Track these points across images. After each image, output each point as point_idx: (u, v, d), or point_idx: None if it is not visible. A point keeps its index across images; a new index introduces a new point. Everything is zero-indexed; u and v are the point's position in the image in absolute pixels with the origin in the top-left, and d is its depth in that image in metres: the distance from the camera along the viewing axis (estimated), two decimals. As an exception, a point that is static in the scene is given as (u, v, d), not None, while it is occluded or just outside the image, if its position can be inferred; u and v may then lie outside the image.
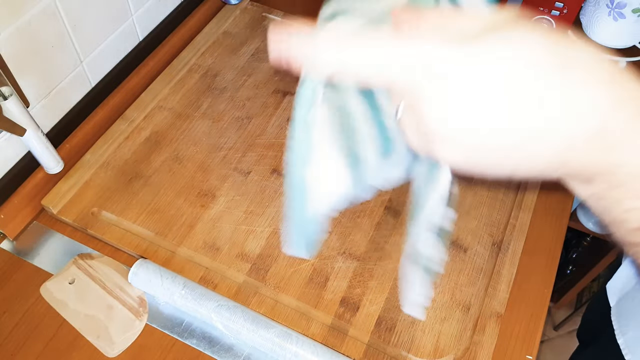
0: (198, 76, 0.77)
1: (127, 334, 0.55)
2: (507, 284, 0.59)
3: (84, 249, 0.62)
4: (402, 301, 0.58)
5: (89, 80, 0.71)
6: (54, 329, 0.56)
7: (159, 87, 0.75)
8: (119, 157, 0.68)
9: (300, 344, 0.54)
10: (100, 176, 0.66)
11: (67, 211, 0.63)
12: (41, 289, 0.58)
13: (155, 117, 0.72)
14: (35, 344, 0.55)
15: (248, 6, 0.87)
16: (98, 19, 0.68)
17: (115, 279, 0.59)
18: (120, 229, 0.62)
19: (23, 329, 0.56)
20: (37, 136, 0.60)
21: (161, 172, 0.67)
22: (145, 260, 0.58)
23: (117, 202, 0.64)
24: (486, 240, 0.63)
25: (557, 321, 1.48)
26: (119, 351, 0.55)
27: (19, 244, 0.63)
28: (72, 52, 0.66)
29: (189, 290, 0.56)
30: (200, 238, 0.62)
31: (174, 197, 0.65)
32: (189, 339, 0.56)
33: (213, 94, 0.75)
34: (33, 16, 0.58)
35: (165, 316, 0.57)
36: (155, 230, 0.62)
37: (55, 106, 0.67)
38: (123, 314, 0.56)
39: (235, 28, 0.84)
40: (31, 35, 0.59)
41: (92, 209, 0.63)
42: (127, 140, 0.69)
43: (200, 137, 0.70)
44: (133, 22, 0.75)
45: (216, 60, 0.79)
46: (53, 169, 0.65)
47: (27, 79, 0.60)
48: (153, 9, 0.78)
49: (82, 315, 0.56)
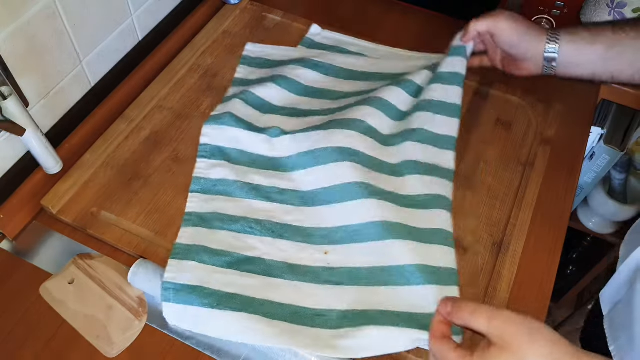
0: (198, 76, 0.77)
1: (126, 334, 0.55)
2: (507, 284, 0.59)
3: (84, 249, 0.62)
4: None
5: (88, 80, 0.71)
6: (54, 329, 0.56)
7: (158, 87, 0.75)
8: (118, 157, 0.68)
9: (300, 344, 0.53)
10: (99, 176, 0.66)
11: (66, 211, 0.63)
12: (41, 289, 0.58)
13: (155, 117, 0.72)
14: (35, 344, 0.55)
15: (248, 6, 0.86)
16: (98, 18, 0.68)
17: (115, 279, 0.58)
18: (119, 229, 0.62)
19: (23, 328, 0.56)
20: (37, 136, 0.59)
21: (161, 172, 0.67)
22: (144, 260, 0.58)
23: (116, 202, 0.64)
24: (486, 240, 0.63)
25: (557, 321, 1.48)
26: (118, 351, 0.55)
27: (19, 244, 0.62)
28: (72, 52, 0.66)
29: (188, 291, 0.56)
30: (200, 238, 0.62)
31: (173, 197, 0.65)
32: (189, 339, 0.56)
33: (213, 94, 0.75)
34: (33, 16, 0.58)
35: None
36: (155, 230, 0.62)
37: (54, 106, 0.67)
38: (122, 314, 0.56)
39: (235, 28, 0.84)
40: (31, 35, 0.59)
41: (91, 209, 0.63)
42: (127, 140, 0.69)
43: (200, 137, 0.70)
44: (133, 22, 0.75)
45: (216, 60, 0.79)
46: (52, 169, 0.64)
47: (26, 78, 0.60)
48: (153, 8, 0.78)
49: (82, 316, 0.56)
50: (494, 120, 0.74)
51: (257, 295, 0.56)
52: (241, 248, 0.59)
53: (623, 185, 1.20)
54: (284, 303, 0.56)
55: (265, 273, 0.58)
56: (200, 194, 0.63)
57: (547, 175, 0.69)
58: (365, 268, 0.58)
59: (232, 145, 0.67)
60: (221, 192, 0.63)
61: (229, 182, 0.64)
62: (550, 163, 0.70)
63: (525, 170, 0.69)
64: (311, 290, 0.57)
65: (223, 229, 0.60)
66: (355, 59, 0.78)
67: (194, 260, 0.57)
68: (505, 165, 0.69)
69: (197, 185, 0.64)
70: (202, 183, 0.64)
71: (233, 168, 0.65)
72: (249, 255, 0.59)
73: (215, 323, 0.54)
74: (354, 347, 0.53)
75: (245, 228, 0.60)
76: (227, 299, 0.55)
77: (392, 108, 0.69)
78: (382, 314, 0.55)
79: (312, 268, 0.58)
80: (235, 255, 0.59)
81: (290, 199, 0.63)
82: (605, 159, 1.04)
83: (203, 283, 0.56)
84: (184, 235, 0.60)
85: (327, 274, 0.58)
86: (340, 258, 0.59)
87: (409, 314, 0.55)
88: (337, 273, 0.58)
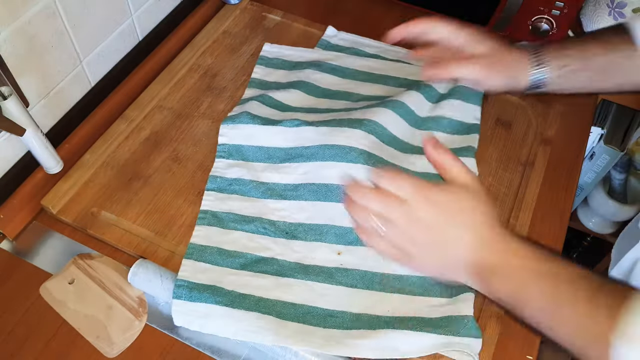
0: (198, 76, 0.77)
1: (126, 334, 0.55)
2: (507, 284, 0.59)
3: (84, 249, 0.62)
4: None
5: (88, 80, 0.71)
6: (54, 329, 0.56)
7: (158, 87, 0.75)
8: (118, 157, 0.68)
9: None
10: (99, 176, 0.66)
11: (66, 211, 0.63)
12: (41, 289, 0.58)
13: (155, 117, 0.72)
14: (35, 343, 0.55)
15: (248, 6, 0.86)
16: (98, 18, 0.68)
17: (115, 279, 0.58)
18: (119, 229, 0.62)
19: (23, 328, 0.56)
20: (37, 136, 0.59)
21: (161, 172, 0.67)
22: (144, 260, 0.58)
23: (116, 202, 0.64)
24: (486, 240, 0.63)
25: (557, 321, 1.48)
26: (118, 351, 0.55)
27: (19, 244, 0.62)
28: (72, 51, 0.66)
29: (188, 290, 0.56)
30: (200, 238, 0.62)
31: (173, 197, 0.65)
32: (189, 339, 0.56)
33: (213, 94, 0.75)
34: (33, 16, 0.58)
35: (165, 316, 0.57)
36: (155, 230, 0.62)
37: (54, 106, 0.67)
38: (122, 314, 0.56)
39: (235, 28, 0.84)
40: (31, 35, 0.59)
41: (91, 209, 0.63)
42: (127, 140, 0.69)
43: (200, 137, 0.70)
44: (133, 22, 0.75)
45: (216, 60, 0.79)
46: (53, 168, 0.65)
47: (26, 78, 0.60)
48: (153, 8, 0.78)
49: (82, 316, 0.56)
50: (494, 120, 0.74)
51: (270, 295, 0.56)
52: (255, 249, 0.59)
53: (623, 185, 1.20)
54: (297, 303, 0.56)
55: (278, 273, 0.58)
56: (216, 192, 0.63)
57: (547, 175, 0.69)
58: (380, 274, 0.58)
59: (249, 142, 0.66)
60: (237, 191, 0.63)
61: (245, 181, 0.64)
62: (550, 163, 0.70)
63: (525, 170, 0.69)
64: (324, 290, 0.57)
65: (237, 230, 0.61)
66: (372, 61, 0.78)
67: (208, 262, 0.58)
68: (505, 165, 0.69)
69: (213, 184, 0.64)
70: (219, 182, 0.64)
71: (250, 167, 0.65)
72: (263, 255, 0.59)
73: (226, 321, 0.54)
74: (368, 346, 0.53)
75: (259, 229, 0.61)
76: (240, 299, 0.55)
77: (411, 114, 0.69)
78: (397, 319, 0.55)
79: (326, 268, 0.59)
80: (249, 256, 0.59)
81: (304, 194, 0.63)
82: (605, 159, 1.04)
83: (216, 283, 0.56)
84: (198, 234, 0.60)
85: (341, 275, 0.58)
86: (354, 260, 0.59)
87: (424, 319, 0.55)
88: (350, 274, 0.58)
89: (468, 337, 0.53)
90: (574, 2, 0.77)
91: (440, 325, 0.54)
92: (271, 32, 0.83)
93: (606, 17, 0.81)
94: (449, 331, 0.53)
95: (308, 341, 0.53)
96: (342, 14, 0.88)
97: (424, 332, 0.53)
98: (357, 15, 0.87)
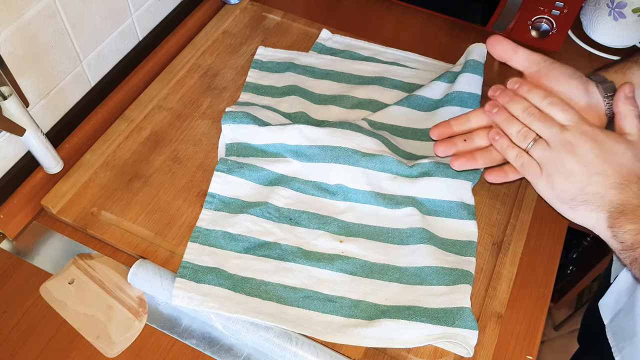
0: (198, 76, 0.77)
1: (126, 334, 0.55)
2: (507, 284, 0.59)
3: (84, 249, 0.62)
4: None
5: (88, 80, 0.71)
6: (54, 329, 0.56)
7: (158, 87, 0.75)
8: (118, 157, 0.68)
9: (300, 344, 0.54)
10: (99, 176, 0.66)
11: (66, 211, 0.63)
12: (41, 289, 0.58)
13: (155, 117, 0.72)
14: (35, 343, 0.55)
15: (248, 6, 0.86)
16: (98, 18, 0.68)
17: (115, 279, 0.58)
18: (119, 229, 0.62)
19: (23, 328, 0.56)
20: (37, 136, 0.59)
21: (161, 172, 0.67)
22: (144, 261, 0.58)
23: (116, 202, 0.64)
24: (486, 240, 0.63)
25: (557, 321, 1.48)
26: (118, 351, 0.55)
27: (19, 244, 0.62)
28: (72, 51, 0.66)
29: (188, 291, 0.56)
30: (200, 238, 0.62)
31: (173, 197, 0.65)
32: (189, 339, 0.56)
33: (213, 94, 0.75)
34: (33, 16, 0.58)
35: (165, 316, 0.57)
36: (155, 230, 0.62)
37: (54, 106, 0.67)
38: (122, 314, 0.56)
39: (235, 28, 0.84)
40: (31, 35, 0.59)
41: (91, 209, 0.63)
42: (127, 140, 0.69)
43: (200, 137, 0.70)
44: (133, 22, 0.75)
45: (216, 60, 0.79)
46: (53, 168, 0.65)
47: (26, 78, 0.60)
48: (153, 8, 0.78)
49: (82, 316, 0.56)
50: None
51: (271, 279, 0.57)
52: (258, 232, 0.60)
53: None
54: (297, 287, 0.57)
55: (280, 257, 0.59)
56: (225, 173, 0.64)
57: (547, 175, 0.69)
58: (379, 264, 0.59)
59: (254, 141, 0.67)
60: (245, 175, 0.64)
61: (256, 167, 0.64)
62: (550, 163, 0.70)
63: (525, 170, 0.69)
64: (324, 276, 0.58)
65: (242, 212, 0.61)
66: (366, 64, 0.78)
67: (213, 245, 0.59)
68: (505, 165, 0.69)
69: (223, 165, 0.64)
70: (229, 164, 0.64)
71: (259, 160, 0.66)
72: (266, 240, 0.60)
73: (227, 302, 0.55)
74: (365, 335, 0.54)
75: (264, 213, 0.61)
76: (242, 283, 0.56)
77: (407, 129, 0.70)
78: (394, 308, 0.56)
79: (327, 255, 0.59)
80: (252, 240, 0.60)
81: (310, 189, 0.64)
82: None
83: (220, 266, 0.58)
84: (205, 217, 0.61)
85: (341, 262, 0.59)
86: (355, 249, 0.60)
87: (420, 309, 0.55)
88: (351, 262, 0.59)
89: (463, 328, 0.53)
90: (574, 2, 0.77)
91: (436, 317, 0.54)
92: (271, 32, 0.83)
93: (606, 17, 0.81)
94: (444, 322, 0.54)
95: (306, 327, 0.54)
96: (342, 14, 0.88)
97: (420, 322, 0.54)
98: (357, 15, 0.87)
